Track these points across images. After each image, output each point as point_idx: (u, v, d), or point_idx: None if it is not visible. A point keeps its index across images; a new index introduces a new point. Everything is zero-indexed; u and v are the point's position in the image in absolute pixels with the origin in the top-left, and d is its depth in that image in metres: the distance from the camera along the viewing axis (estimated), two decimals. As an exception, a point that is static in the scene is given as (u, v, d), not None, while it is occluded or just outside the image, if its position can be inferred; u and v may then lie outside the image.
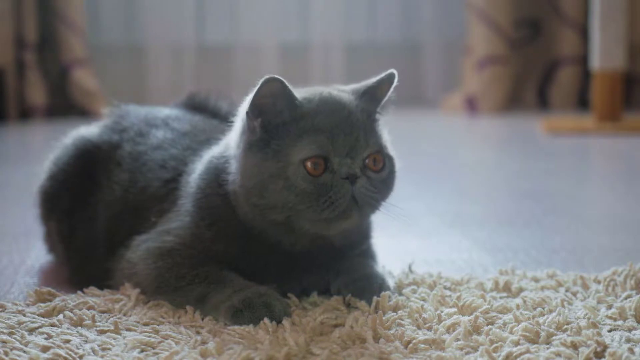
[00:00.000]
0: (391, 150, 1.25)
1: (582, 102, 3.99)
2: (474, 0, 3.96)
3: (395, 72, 1.25)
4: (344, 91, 1.26)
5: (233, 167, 1.24)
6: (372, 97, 1.25)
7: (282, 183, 1.18)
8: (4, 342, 1.09)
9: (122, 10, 4.08)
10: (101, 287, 1.31)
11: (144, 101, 3.60)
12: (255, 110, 1.21)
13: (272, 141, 1.20)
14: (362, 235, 1.32)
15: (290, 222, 1.20)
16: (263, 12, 4.11)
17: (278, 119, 1.20)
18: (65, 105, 3.79)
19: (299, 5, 4.16)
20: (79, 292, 1.29)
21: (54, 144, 1.51)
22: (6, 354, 1.05)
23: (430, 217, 1.96)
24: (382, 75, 1.25)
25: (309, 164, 1.18)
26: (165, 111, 1.51)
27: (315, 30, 4.16)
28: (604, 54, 3.23)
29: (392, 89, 1.26)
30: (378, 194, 1.20)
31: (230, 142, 1.28)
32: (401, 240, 1.72)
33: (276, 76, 1.19)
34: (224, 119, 1.52)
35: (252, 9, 4.11)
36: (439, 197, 2.22)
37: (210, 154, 1.32)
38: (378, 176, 1.21)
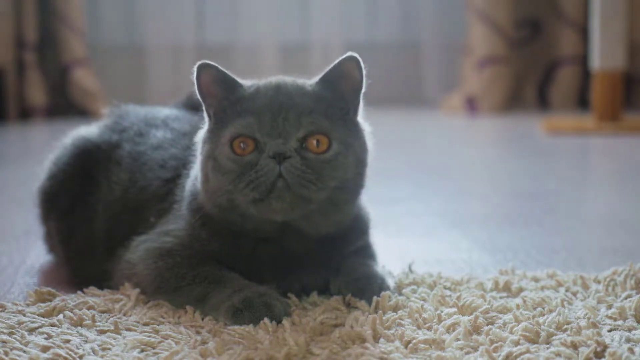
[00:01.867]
0: (358, 139, 1.23)
1: (582, 102, 3.99)
2: (474, 0, 3.95)
3: (354, 54, 1.23)
4: (293, 79, 1.27)
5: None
6: (330, 82, 1.24)
7: (211, 164, 1.21)
8: (4, 342, 1.09)
9: (122, 11, 4.08)
10: (101, 287, 1.31)
11: (144, 101, 3.60)
12: (202, 100, 1.24)
13: (214, 127, 1.23)
14: (355, 229, 1.30)
15: (234, 206, 1.21)
16: (263, 12, 4.11)
17: (222, 105, 1.23)
18: (65, 105, 3.79)
19: (298, 5, 4.16)
20: (79, 292, 1.29)
21: (53, 144, 1.51)
22: (6, 353, 1.05)
23: (430, 216, 1.96)
24: (340, 59, 1.24)
25: (236, 144, 1.20)
26: (164, 111, 1.51)
27: (315, 30, 4.16)
28: (604, 54, 3.23)
29: (361, 75, 1.23)
30: (313, 174, 1.18)
31: None
32: (401, 240, 1.72)
33: (208, 62, 1.22)
34: None
35: (251, 8, 4.11)
36: (439, 197, 2.22)
37: None
38: (318, 157, 1.19)
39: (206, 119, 1.26)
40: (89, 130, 1.50)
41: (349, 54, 1.23)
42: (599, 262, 1.52)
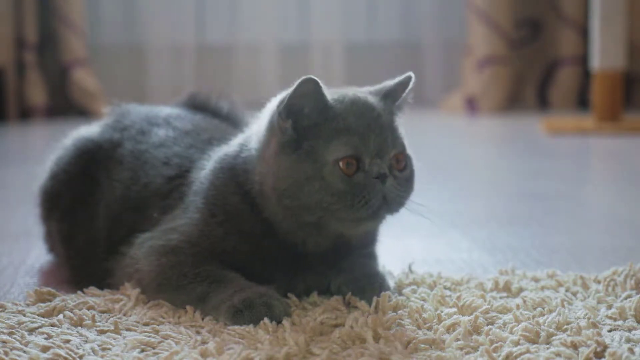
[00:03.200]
0: (409, 149, 1.27)
1: (582, 102, 3.99)
2: (473, 2, 3.95)
3: (412, 75, 1.27)
4: (364, 93, 1.27)
5: (259, 167, 1.24)
6: (393, 98, 1.27)
7: (318, 184, 1.19)
8: (4, 342, 1.09)
9: (122, 11, 4.07)
10: (101, 287, 1.30)
11: (144, 101, 3.59)
12: (287, 110, 1.21)
13: (304, 142, 1.20)
14: (374, 234, 1.33)
15: (321, 223, 1.21)
16: (263, 12, 4.11)
17: (309, 120, 1.21)
18: (66, 105, 3.78)
19: (298, 5, 4.15)
20: (79, 292, 1.29)
21: (54, 144, 1.50)
22: (6, 354, 1.05)
23: (430, 216, 1.94)
24: (402, 77, 1.27)
25: (342, 164, 1.19)
26: (166, 110, 1.51)
27: (315, 30, 4.15)
28: (604, 54, 3.22)
29: (408, 91, 1.28)
30: (404, 193, 1.22)
31: (248, 142, 1.28)
32: (401, 240, 1.71)
33: (312, 77, 1.20)
34: (224, 119, 1.53)
35: (252, 8, 4.10)
36: (439, 197, 2.21)
37: (223, 152, 1.31)
38: (402, 175, 1.23)
39: (278, 129, 1.22)
40: (89, 130, 1.50)
41: (410, 74, 1.27)
42: (599, 262, 1.52)
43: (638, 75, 3.88)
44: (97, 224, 1.40)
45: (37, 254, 1.59)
